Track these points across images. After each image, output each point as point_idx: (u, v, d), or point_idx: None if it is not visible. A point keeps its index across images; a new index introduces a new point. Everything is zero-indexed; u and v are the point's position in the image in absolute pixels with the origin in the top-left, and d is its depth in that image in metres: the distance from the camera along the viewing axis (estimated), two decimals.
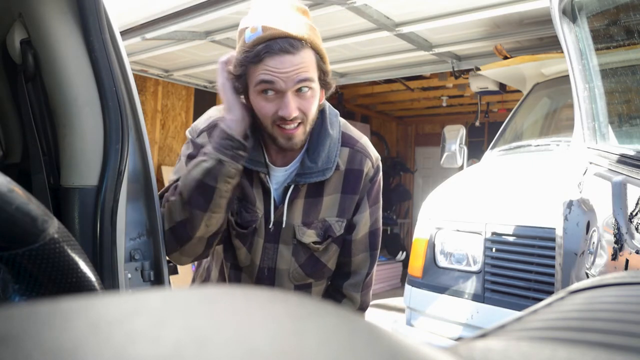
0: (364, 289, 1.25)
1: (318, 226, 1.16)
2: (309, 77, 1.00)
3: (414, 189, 7.97)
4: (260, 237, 1.15)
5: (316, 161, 1.11)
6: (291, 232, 1.15)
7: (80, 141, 0.93)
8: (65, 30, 0.92)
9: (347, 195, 1.17)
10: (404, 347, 0.16)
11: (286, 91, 0.99)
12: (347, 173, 1.16)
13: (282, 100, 1.00)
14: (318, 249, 1.17)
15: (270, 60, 0.97)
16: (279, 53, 0.97)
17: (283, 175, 1.14)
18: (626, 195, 1.03)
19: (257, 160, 1.11)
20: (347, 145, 1.16)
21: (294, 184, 1.12)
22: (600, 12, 1.38)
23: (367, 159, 1.17)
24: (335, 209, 1.16)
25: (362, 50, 3.63)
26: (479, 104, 4.55)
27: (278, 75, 0.97)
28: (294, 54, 0.97)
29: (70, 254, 0.43)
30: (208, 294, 0.17)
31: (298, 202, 1.14)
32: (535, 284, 2.05)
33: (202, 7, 2.70)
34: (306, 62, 1.00)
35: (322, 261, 1.20)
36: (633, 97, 1.36)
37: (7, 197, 0.38)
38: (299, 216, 1.15)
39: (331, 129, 1.14)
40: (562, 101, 3.06)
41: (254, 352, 0.13)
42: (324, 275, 1.22)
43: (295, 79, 0.98)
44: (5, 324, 0.15)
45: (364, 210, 1.19)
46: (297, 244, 1.16)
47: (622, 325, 0.31)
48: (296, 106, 1.00)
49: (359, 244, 1.21)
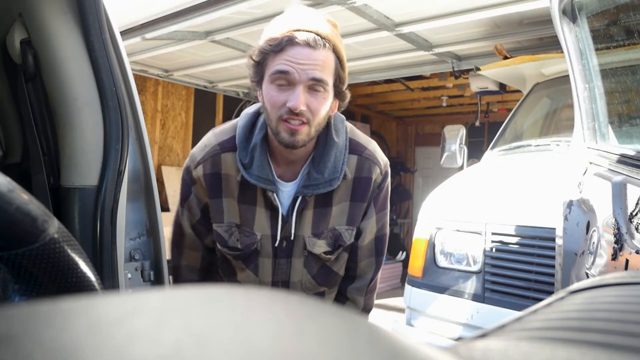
0: (368, 293, 1.25)
1: (328, 236, 1.15)
2: (324, 78, 1.00)
3: (414, 189, 7.96)
4: (266, 257, 1.15)
5: (322, 172, 1.09)
6: (301, 244, 1.14)
7: (80, 141, 0.93)
8: (65, 30, 0.92)
9: (356, 203, 1.15)
10: (404, 347, 0.16)
11: (299, 84, 0.99)
12: (355, 181, 1.14)
13: (293, 92, 0.99)
14: (329, 259, 1.17)
15: (290, 50, 0.98)
16: (301, 44, 0.98)
17: (291, 189, 1.13)
18: (626, 195, 1.03)
19: (265, 178, 1.09)
20: (354, 152, 1.15)
21: (302, 196, 1.11)
22: (600, 12, 1.38)
23: (375, 166, 1.15)
24: (344, 218, 1.15)
25: (362, 50, 3.63)
26: (479, 104, 4.55)
27: (294, 66, 0.98)
28: (315, 48, 0.98)
29: (70, 254, 0.43)
30: (208, 293, 0.17)
31: (307, 213, 1.13)
32: (535, 284, 2.05)
33: (202, 7, 2.70)
34: (325, 61, 1.00)
35: (334, 270, 1.20)
36: (633, 97, 1.36)
37: (7, 197, 0.38)
38: (309, 227, 1.13)
39: (337, 136, 1.12)
40: (562, 101, 3.06)
41: (254, 352, 0.13)
42: (336, 282, 1.23)
43: (309, 74, 0.98)
44: (5, 324, 0.15)
45: (370, 217, 1.18)
46: (309, 255, 1.15)
47: (622, 325, 0.31)
48: (305, 102, 1.00)
49: (364, 249, 1.20)
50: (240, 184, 1.11)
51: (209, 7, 2.68)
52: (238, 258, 1.15)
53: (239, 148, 1.10)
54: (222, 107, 5.48)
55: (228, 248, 1.14)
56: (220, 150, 1.12)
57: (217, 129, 1.18)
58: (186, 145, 5.18)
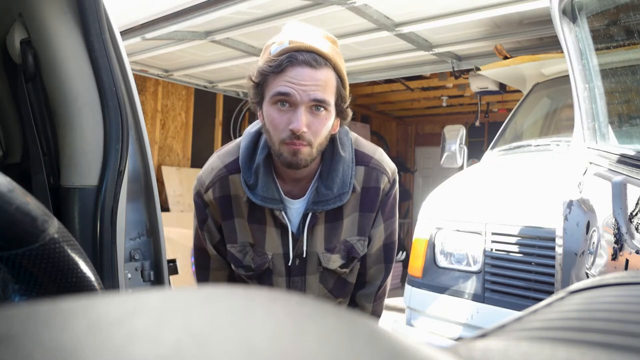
0: (377, 299, 1.25)
1: (341, 248, 1.14)
2: (325, 98, 0.98)
3: (414, 189, 7.96)
4: (279, 276, 1.15)
5: (331, 187, 1.08)
6: (316, 261, 1.14)
7: (80, 141, 0.93)
8: (65, 30, 0.92)
9: (365, 213, 1.14)
10: (404, 347, 0.16)
11: (300, 105, 0.97)
12: (363, 191, 1.13)
13: (295, 114, 0.97)
14: (345, 272, 1.17)
15: (291, 71, 0.96)
16: (302, 64, 0.96)
17: (300, 206, 1.12)
18: (626, 195, 1.03)
19: (270, 197, 1.08)
20: (361, 163, 1.13)
21: (312, 212, 1.10)
22: (600, 12, 1.38)
23: (383, 175, 1.14)
24: (355, 229, 1.15)
25: (362, 50, 3.63)
26: (479, 104, 4.55)
27: (295, 88, 0.96)
28: (316, 68, 0.96)
29: (70, 254, 0.43)
30: (208, 294, 0.17)
31: (318, 229, 1.12)
32: (535, 284, 2.05)
33: (202, 7, 2.70)
34: (327, 81, 0.98)
35: (349, 281, 1.20)
36: (633, 97, 1.36)
37: (7, 197, 0.38)
38: (321, 243, 1.13)
39: (343, 150, 1.11)
40: (562, 101, 3.06)
41: (254, 352, 0.13)
42: (350, 291, 1.23)
43: (311, 95, 0.96)
44: (5, 324, 0.15)
45: (378, 225, 1.18)
46: (324, 271, 1.15)
47: (622, 325, 0.31)
48: (307, 123, 0.98)
49: (373, 257, 1.20)
50: (249, 204, 1.11)
51: (209, 7, 2.68)
52: (252, 278, 1.16)
53: (242, 169, 1.09)
54: (222, 107, 5.48)
55: (243, 268, 1.15)
56: (228, 173, 1.12)
57: (220, 151, 1.18)
58: (186, 145, 5.18)
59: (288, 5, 2.74)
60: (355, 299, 1.23)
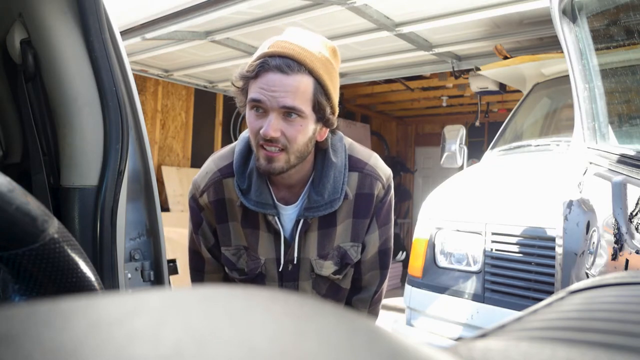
0: (372, 304, 1.25)
1: (334, 255, 1.14)
2: (295, 105, 0.95)
3: (414, 189, 7.96)
4: (272, 280, 1.15)
5: (322, 194, 1.07)
6: (308, 267, 1.14)
7: (80, 141, 0.93)
8: (65, 30, 0.92)
9: (359, 219, 1.14)
10: (404, 347, 0.16)
11: (271, 111, 0.96)
12: (357, 198, 1.12)
13: (266, 119, 0.97)
14: (338, 279, 1.17)
15: (264, 76, 0.95)
16: (273, 70, 0.94)
17: (293, 212, 1.12)
18: (626, 195, 1.03)
19: (264, 202, 1.08)
20: (355, 169, 1.12)
21: (304, 219, 1.09)
22: (600, 12, 1.38)
23: (377, 181, 1.12)
24: (348, 235, 1.14)
25: (362, 50, 3.63)
26: (479, 104, 4.55)
27: (265, 94, 0.95)
28: (287, 74, 0.94)
29: (70, 254, 0.43)
30: (208, 294, 0.17)
31: (311, 235, 1.12)
32: (535, 284, 2.05)
33: (202, 7, 2.70)
34: (298, 87, 0.95)
35: (342, 287, 1.20)
36: (633, 97, 1.36)
37: (7, 197, 0.38)
38: (314, 249, 1.12)
39: (335, 157, 1.09)
40: (562, 101, 3.06)
41: (254, 352, 0.13)
42: (344, 297, 1.23)
43: (280, 102, 0.95)
44: (5, 324, 0.15)
45: (373, 231, 1.17)
46: (317, 277, 1.15)
47: (622, 325, 0.31)
48: (279, 128, 0.97)
49: (368, 263, 1.20)
50: (243, 209, 1.11)
51: (209, 7, 2.68)
52: (245, 282, 1.16)
53: (236, 174, 1.09)
54: (222, 107, 5.48)
55: (237, 271, 1.15)
56: (221, 177, 1.12)
57: (216, 155, 1.18)
58: (186, 145, 5.18)
59: (288, 5, 2.74)
60: (350, 303, 1.23)
